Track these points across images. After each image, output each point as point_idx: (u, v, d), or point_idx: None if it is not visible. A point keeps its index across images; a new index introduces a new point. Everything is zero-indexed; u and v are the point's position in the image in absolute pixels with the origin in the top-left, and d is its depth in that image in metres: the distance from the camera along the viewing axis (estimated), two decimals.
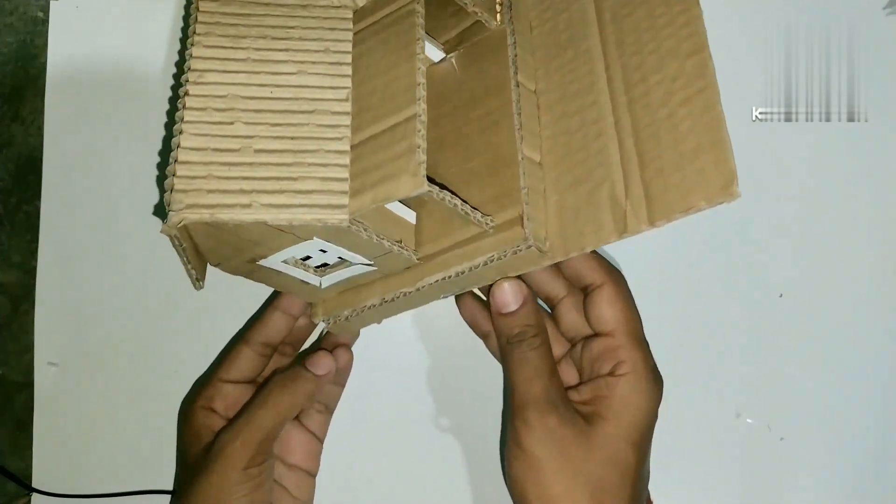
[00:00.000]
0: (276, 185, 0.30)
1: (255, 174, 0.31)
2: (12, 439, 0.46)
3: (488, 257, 0.33)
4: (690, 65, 0.31)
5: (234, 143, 0.31)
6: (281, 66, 0.33)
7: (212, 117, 0.31)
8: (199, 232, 0.31)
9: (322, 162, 0.31)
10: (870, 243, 0.44)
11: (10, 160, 0.46)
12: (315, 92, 0.33)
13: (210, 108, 0.32)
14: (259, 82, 0.33)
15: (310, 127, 0.32)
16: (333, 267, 0.36)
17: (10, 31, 0.46)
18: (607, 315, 0.36)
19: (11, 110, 0.46)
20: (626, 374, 0.34)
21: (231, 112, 0.32)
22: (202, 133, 0.31)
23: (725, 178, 0.28)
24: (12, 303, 0.46)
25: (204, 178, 0.30)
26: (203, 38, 0.33)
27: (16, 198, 0.46)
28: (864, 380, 0.43)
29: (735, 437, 0.43)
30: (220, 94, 0.32)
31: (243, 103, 0.32)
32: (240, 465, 0.35)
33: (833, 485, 0.43)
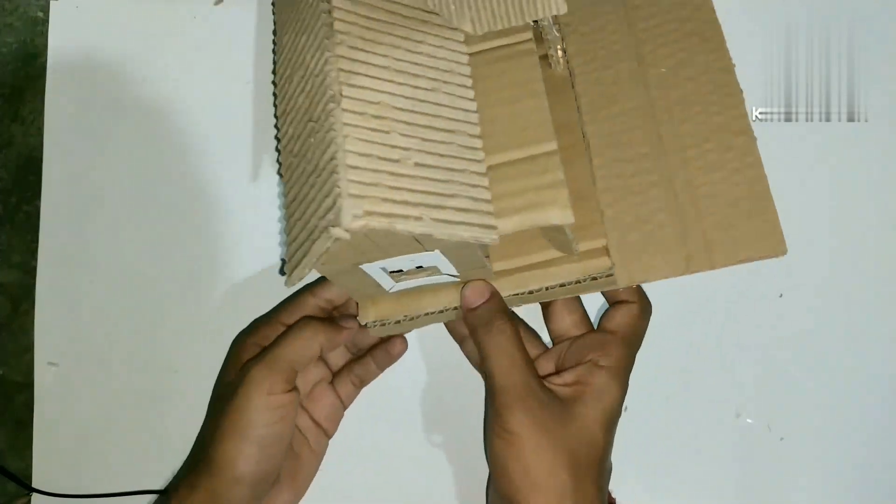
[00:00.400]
0: (436, 201, 0.31)
1: (416, 187, 0.31)
2: (12, 439, 0.46)
3: (569, 281, 0.37)
4: (740, 141, 0.37)
5: (394, 153, 0.31)
6: (418, 81, 0.34)
7: (369, 123, 0.31)
8: (351, 239, 0.30)
9: (470, 182, 0.33)
10: (870, 243, 0.44)
11: (11, 160, 0.46)
12: (450, 112, 0.34)
13: (367, 113, 0.31)
14: (403, 94, 0.33)
15: (454, 146, 0.33)
16: (412, 273, 0.37)
17: (11, 32, 0.46)
18: (619, 320, 0.39)
19: (11, 110, 0.46)
20: (608, 366, 0.37)
21: (386, 121, 0.32)
22: (364, 139, 0.31)
23: (776, 240, 0.36)
24: (12, 303, 0.46)
25: (375, 185, 0.30)
26: (345, 38, 0.33)
27: (16, 198, 0.46)
28: (864, 380, 0.43)
29: (735, 437, 0.43)
30: (374, 101, 0.32)
31: (395, 113, 0.32)
32: (263, 390, 0.36)
33: (833, 485, 0.43)
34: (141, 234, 0.45)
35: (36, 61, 0.46)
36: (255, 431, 0.36)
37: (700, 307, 0.44)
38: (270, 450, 0.37)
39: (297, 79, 0.35)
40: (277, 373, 0.37)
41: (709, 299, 0.44)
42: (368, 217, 0.29)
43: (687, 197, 0.37)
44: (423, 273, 0.37)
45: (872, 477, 0.43)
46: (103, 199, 0.45)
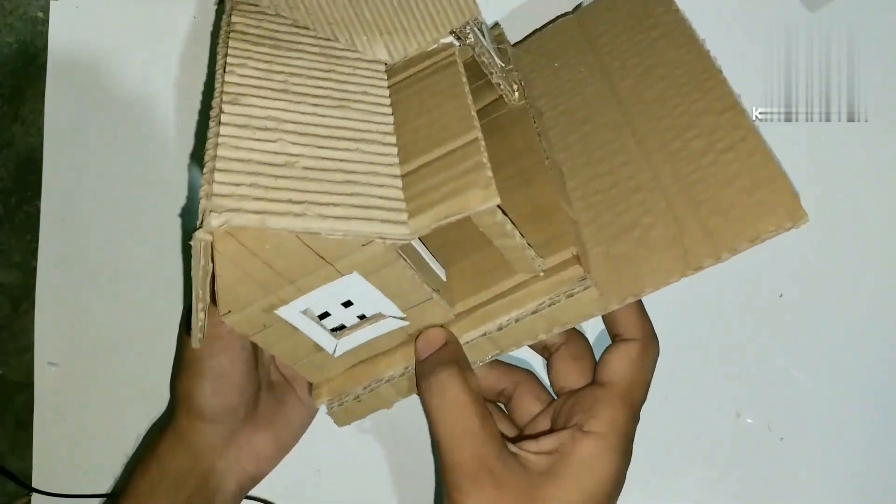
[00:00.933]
0: (329, 199, 0.28)
1: (305, 187, 0.28)
2: (12, 439, 0.46)
3: (540, 303, 0.32)
4: (726, 119, 0.33)
5: (280, 158, 0.29)
6: (321, 100, 0.32)
7: (253, 134, 0.29)
8: (228, 253, 0.27)
9: (376, 182, 0.29)
10: (870, 243, 0.44)
11: (11, 160, 0.46)
12: (359, 124, 0.31)
13: (251, 126, 0.30)
14: (299, 111, 0.31)
15: (358, 153, 0.30)
16: (354, 327, 0.33)
17: (11, 32, 0.46)
18: (616, 367, 0.33)
19: (12, 110, 0.46)
20: (595, 432, 0.31)
21: (274, 132, 0.30)
22: (243, 147, 0.29)
23: (790, 204, 0.30)
24: (12, 303, 0.46)
25: (248, 185, 0.27)
26: (236, 69, 0.32)
27: (16, 198, 0.46)
28: (865, 380, 0.43)
29: (735, 437, 0.43)
30: (261, 115, 0.30)
31: (286, 126, 0.30)
32: (212, 320, 0.33)
33: (833, 485, 0.43)
34: (141, 234, 0.45)
35: (36, 61, 0.46)
36: (200, 365, 0.36)
37: (700, 307, 0.44)
38: (221, 382, 0.37)
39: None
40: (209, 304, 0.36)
41: (709, 299, 0.44)
42: (233, 214, 0.26)
43: (675, 190, 0.32)
44: (368, 323, 0.33)
45: (872, 477, 0.43)
46: (103, 199, 0.45)
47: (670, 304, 0.43)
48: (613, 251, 0.33)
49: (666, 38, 0.38)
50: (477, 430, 0.30)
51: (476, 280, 0.33)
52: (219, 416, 0.37)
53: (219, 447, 0.38)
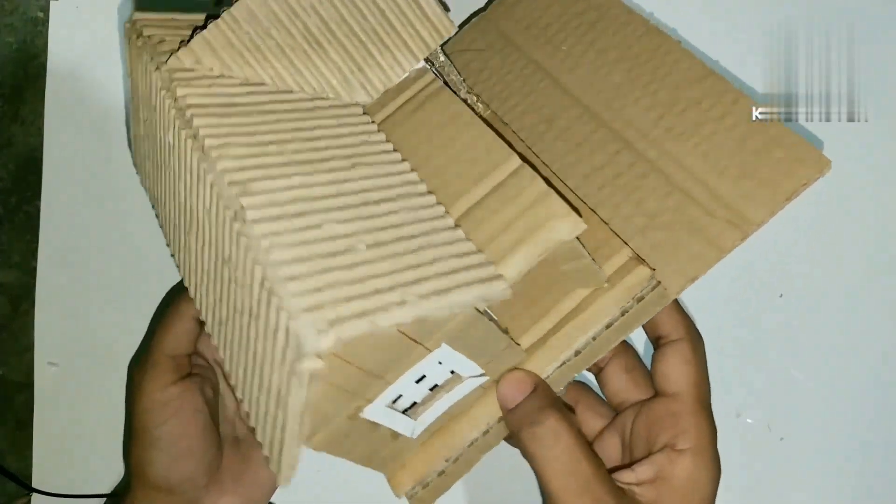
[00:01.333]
0: (414, 275, 0.25)
1: (384, 269, 0.25)
2: (12, 439, 0.46)
3: (614, 316, 0.30)
4: (708, 86, 0.32)
5: (338, 244, 0.25)
6: (331, 164, 0.28)
7: (292, 223, 0.25)
8: (325, 371, 0.23)
9: (442, 241, 0.27)
10: (870, 243, 0.44)
11: (11, 160, 0.46)
12: (382, 180, 0.28)
13: (285, 215, 0.25)
14: (318, 181, 0.27)
15: (405, 212, 0.27)
16: (428, 400, 0.30)
17: (11, 32, 0.46)
18: (676, 374, 0.32)
19: (11, 110, 0.46)
20: (688, 449, 0.30)
21: (312, 214, 0.26)
22: (292, 242, 0.25)
23: (812, 155, 0.30)
24: (12, 303, 0.46)
25: (329, 287, 0.23)
26: (222, 152, 0.27)
27: (16, 198, 0.46)
28: (864, 380, 0.43)
29: (735, 437, 0.43)
30: (285, 200, 0.26)
31: (317, 204, 0.26)
32: (145, 391, 0.35)
33: (833, 485, 0.43)
34: (141, 234, 0.45)
35: (36, 61, 0.46)
36: (150, 434, 0.34)
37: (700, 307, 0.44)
38: (176, 450, 0.35)
39: (183, 222, 0.30)
40: (153, 367, 0.35)
41: (709, 299, 0.44)
42: (338, 327, 0.22)
43: (690, 164, 0.31)
44: (443, 392, 0.30)
45: (872, 477, 0.43)
46: (103, 199, 0.45)
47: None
48: (651, 241, 0.31)
49: (605, 20, 0.35)
50: (592, 478, 0.29)
51: (529, 309, 0.31)
52: (177, 487, 0.35)
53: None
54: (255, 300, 0.25)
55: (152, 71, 0.30)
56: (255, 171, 0.27)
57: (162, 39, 0.31)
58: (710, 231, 0.30)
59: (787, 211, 0.44)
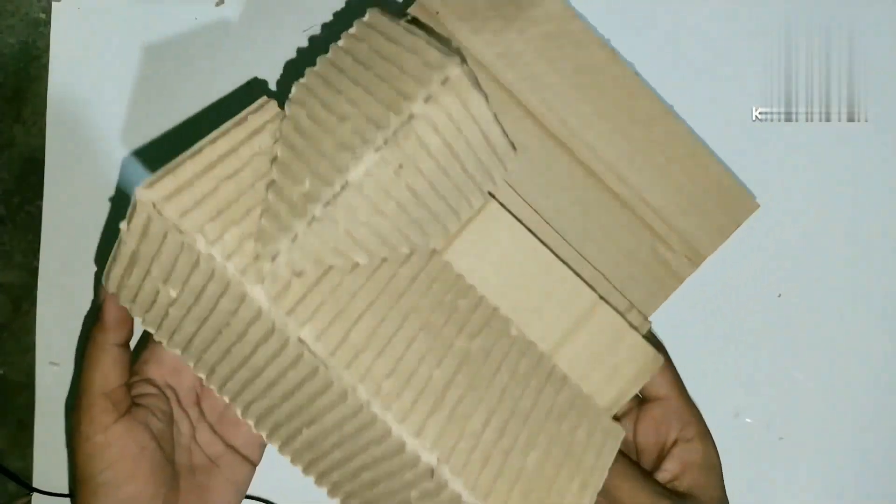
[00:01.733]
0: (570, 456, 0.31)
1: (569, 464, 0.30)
2: (13, 439, 0.46)
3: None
4: (664, 123, 0.36)
5: (521, 449, 0.30)
6: (471, 340, 0.31)
7: (461, 427, 0.29)
8: None
9: (574, 409, 0.32)
10: (869, 243, 0.44)
11: (13, 161, 0.46)
12: (499, 351, 0.31)
13: (455, 414, 0.29)
14: (451, 366, 0.30)
15: (534, 388, 0.32)
16: None
17: (12, 33, 0.46)
18: (661, 379, 0.36)
19: (13, 111, 0.46)
20: (695, 434, 0.36)
21: (479, 413, 0.29)
22: (476, 456, 0.28)
23: (745, 198, 0.36)
24: (14, 302, 0.46)
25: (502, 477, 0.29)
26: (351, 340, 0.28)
27: (18, 198, 0.46)
28: (864, 379, 0.43)
29: (734, 437, 0.43)
30: (437, 393, 0.29)
31: (475, 395, 0.30)
32: (83, 436, 0.32)
33: (832, 484, 0.43)
34: None
35: (38, 62, 0.46)
36: (94, 482, 0.32)
37: (699, 307, 0.44)
38: (123, 495, 0.32)
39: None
40: (88, 410, 0.32)
41: (708, 299, 0.44)
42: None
43: (642, 204, 0.36)
44: None
45: (872, 477, 0.43)
46: (105, 199, 0.45)
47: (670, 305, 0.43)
48: (625, 273, 0.36)
49: (565, 37, 0.36)
50: (654, 491, 0.34)
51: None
52: None
53: None
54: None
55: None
56: (405, 363, 0.29)
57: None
58: (672, 263, 0.36)
59: (788, 210, 0.44)
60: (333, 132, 0.29)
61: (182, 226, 0.27)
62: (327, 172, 0.28)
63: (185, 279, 0.29)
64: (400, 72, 0.29)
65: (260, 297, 0.28)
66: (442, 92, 0.28)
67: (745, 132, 0.44)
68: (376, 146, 0.27)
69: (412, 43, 0.29)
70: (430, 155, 0.29)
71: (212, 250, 0.28)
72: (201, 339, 0.31)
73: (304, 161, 0.29)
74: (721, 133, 0.44)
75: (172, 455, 0.35)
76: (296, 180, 0.29)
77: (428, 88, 0.28)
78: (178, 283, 0.29)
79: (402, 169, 0.28)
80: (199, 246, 0.27)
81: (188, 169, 0.28)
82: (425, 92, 0.28)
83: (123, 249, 0.30)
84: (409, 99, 0.28)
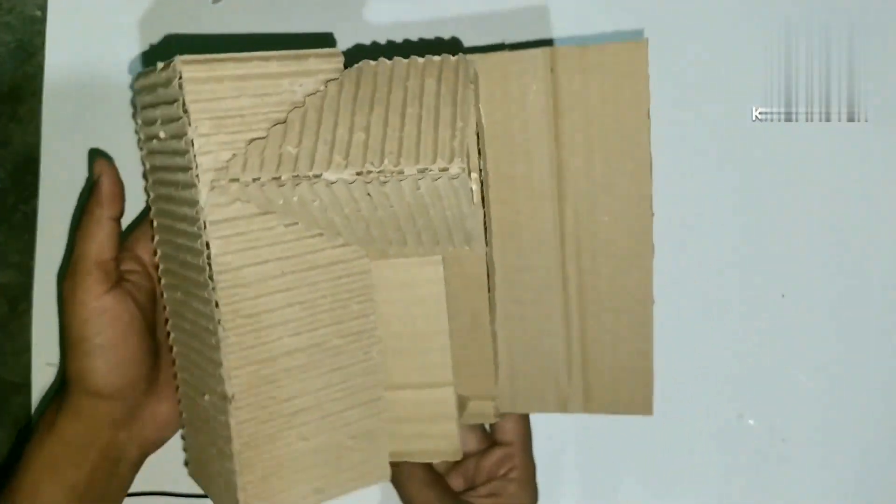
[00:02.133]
0: (331, 470, 0.37)
1: (308, 464, 0.36)
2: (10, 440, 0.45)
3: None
4: (639, 311, 0.36)
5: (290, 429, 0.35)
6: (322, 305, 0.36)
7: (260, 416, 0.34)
8: None
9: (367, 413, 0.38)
10: (871, 243, 0.44)
11: (8, 160, 0.46)
12: (355, 367, 0.37)
13: (274, 380, 0.34)
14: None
15: (353, 400, 0.37)
16: None
17: (8, 30, 0.46)
18: (510, 426, 0.40)
19: (9, 110, 0.46)
20: (517, 477, 0.39)
21: (279, 420, 0.35)
22: (254, 434, 0.34)
23: (646, 399, 0.37)
24: (10, 303, 0.46)
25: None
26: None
27: (13, 198, 0.46)
28: (866, 381, 0.43)
29: (737, 438, 0.43)
30: (273, 357, 0.34)
31: (305, 377, 0.35)
32: (77, 301, 0.35)
33: (835, 485, 0.43)
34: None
35: (34, 60, 0.46)
36: (89, 343, 0.35)
37: (702, 308, 0.44)
38: (115, 358, 0.35)
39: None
40: (84, 277, 0.35)
41: (711, 300, 0.44)
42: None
43: (579, 342, 0.37)
44: None
45: (874, 477, 0.43)
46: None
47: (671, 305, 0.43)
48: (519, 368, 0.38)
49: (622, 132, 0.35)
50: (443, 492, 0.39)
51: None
52: (117, 394, 0.36)
53: (120, 422, 0.36)
54: (222, 441, 0.35)
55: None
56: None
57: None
58: (552, 394, 0.38)
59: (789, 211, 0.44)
60: (345, 129, 0.32)
61: (190, 109, 0.31)
62: (316, 156, 0.31)
63: (171, 134, 0.33)
64: (422, 133, 0.32)
65: (202, 196, 0.32)
66: (438, 175, 0.31)
67: (745, 132, 0.44)
68: (363, 171, 0.31)
69: (450, 115, 0.32)
70: (402, 202, 0.32)
71: (196, 140, 0.31)
72: (158, 194, 0.36)
73: (310, 131, 0.32)
74: (721, 133, 0.44)
75: (154, 331, 0.38)
76: (292, 141, 0.32)
77: (426, 165, 0.31)
78: (167, 133, 0.33)
79: (371, 198, 0.32)
80: (190, 132, 0.31)
81: (229, 67, 0.32)
82: (422, 166, 0.31)
83: (147, 83, 0.35)
84: (408, 159, 0.31)
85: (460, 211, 0.33)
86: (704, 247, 0.44)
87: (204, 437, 0.36)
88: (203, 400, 0.35)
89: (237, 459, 0.33)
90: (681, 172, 0.44)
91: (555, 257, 0.36)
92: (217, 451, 0.35)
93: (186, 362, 0.37)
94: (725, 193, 0.44)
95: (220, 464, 0.35)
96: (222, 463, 0.34)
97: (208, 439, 0.36)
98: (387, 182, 0.31)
